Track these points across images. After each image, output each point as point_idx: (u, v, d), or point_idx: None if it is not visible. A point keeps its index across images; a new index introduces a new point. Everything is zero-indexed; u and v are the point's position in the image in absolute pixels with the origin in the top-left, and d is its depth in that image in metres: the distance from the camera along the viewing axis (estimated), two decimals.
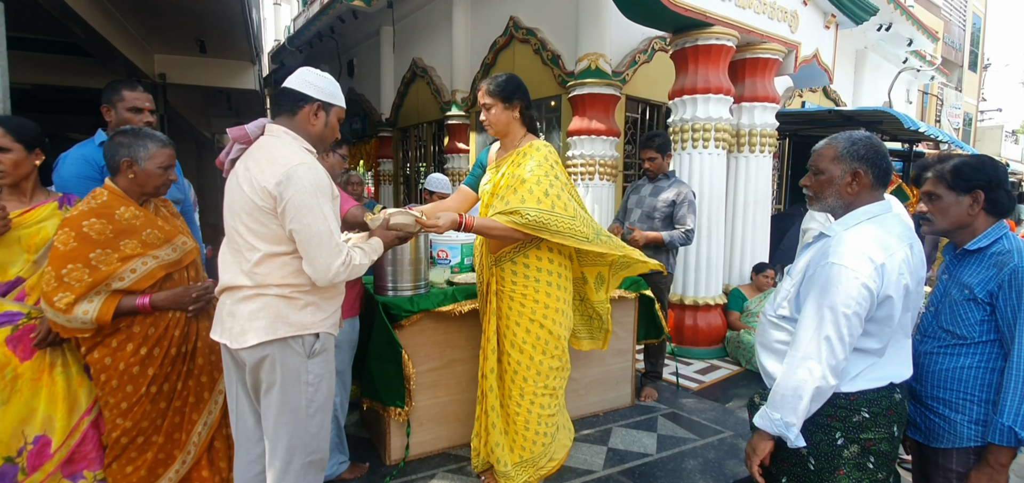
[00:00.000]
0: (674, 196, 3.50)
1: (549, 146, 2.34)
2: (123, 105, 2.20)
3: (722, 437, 3.13)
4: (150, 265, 1.85)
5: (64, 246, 1.71)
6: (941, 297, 1.67)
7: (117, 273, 1.76)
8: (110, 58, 7.39)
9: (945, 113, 14.65)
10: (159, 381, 1.89)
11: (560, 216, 2.19)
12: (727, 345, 4.59)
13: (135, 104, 2.20)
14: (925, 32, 9.19)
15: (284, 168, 1.57)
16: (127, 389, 1.83)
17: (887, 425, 1.48)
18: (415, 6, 7.79)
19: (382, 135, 9.23)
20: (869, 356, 1.49)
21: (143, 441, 1.87)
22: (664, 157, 3.59)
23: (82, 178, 2.08)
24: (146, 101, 2.23)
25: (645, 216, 3.59)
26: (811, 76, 5.59)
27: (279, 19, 18.57)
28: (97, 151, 2.15)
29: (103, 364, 1.80)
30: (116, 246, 1.78)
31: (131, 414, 1.84)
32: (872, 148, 1.52)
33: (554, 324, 2.34)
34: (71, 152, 2.17)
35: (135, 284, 1.80)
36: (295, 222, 1.58)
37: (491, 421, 2.45)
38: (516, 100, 2.28)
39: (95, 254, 1.73)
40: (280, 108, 1.72)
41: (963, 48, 15.71)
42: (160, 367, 1.88)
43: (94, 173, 2.10)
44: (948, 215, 1.63)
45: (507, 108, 2.28)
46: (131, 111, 2.20)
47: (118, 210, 1.82)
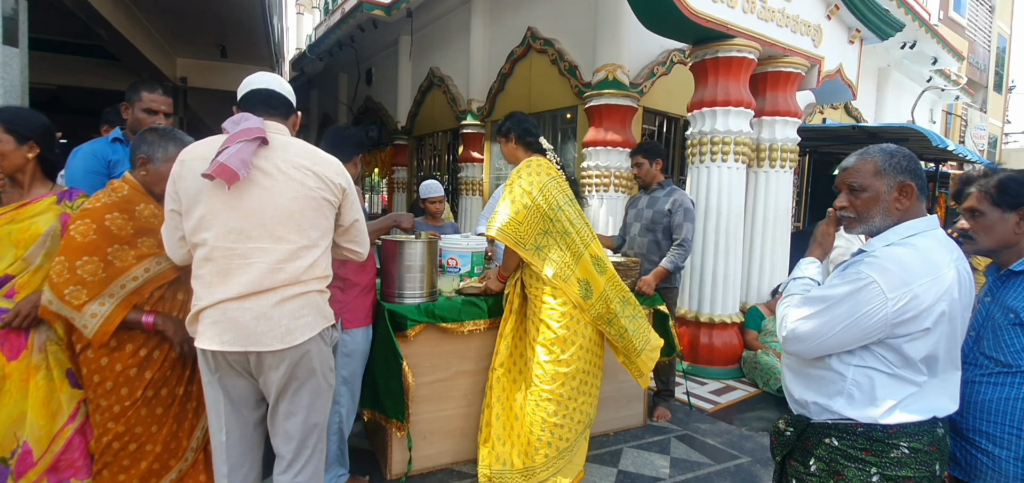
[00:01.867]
0: (671, 205, 3.39)
1: (534, 161, 2.52)
2: (140, 105, 2.21)
3: (739, 463, 3.00)
4: (163, 266, 1.79)
5: (82, 237, 1.65)
6: (983, 321, 1.55)
7: (131, 271, 1.72)
8: (134, 61, 7.53)
9: (970, 134, 14.32)
10: (157, 385, 1.80)
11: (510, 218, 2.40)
12: (744, 365, 4.44)
13: (150, 106, 2.20)
14: (950, 51, 8.99)
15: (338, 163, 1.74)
16: (122, 392, 1.74)
17: (928, 463, 1.35)
18: (434, 16, 7.82)
19: (397, 143, 9.25)
20: (909, 385, 1.35)
21: (136, 449, 1.78)
22: (652, 163, 3.49)
23: (88, 172, 2.09)
24: (162, 103, 2.24)
25: (645, 229, 3.50)
26: (834, 91, 5.46)
27: (301, 28, 18.87)
28: (107, 147, 2.15)
29: (98, 364, 1.72)
30: (134, 243, 1.73)
31: (124, 418, 1.74)
32: (910, 158, 1.41)
33: (561, 327, 2.42)
34: (83, 147, 2.18)
35: (145, 286, 1.75)
36: (354, 211, 1.79)
37: (495, 413, 2.53)
38: (512, 133, 2.64)
39: (112, 249, 1.69)
40: (274, 112, 1.71)
41: (988, 69, 15.38)
42: (159, 370, 1.81)
43: (101, 168, 2.11)
44: (993, 233, 1.52)
45: (507, 142, 2.66)
46: (145, 112, 2.21)
47: (138, 206, 1.77)
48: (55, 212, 1.81)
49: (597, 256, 2.51)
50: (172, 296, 1.84)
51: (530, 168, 2.48)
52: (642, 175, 3.52)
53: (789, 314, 1.42)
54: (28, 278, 1.74)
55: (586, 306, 2.45)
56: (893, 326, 1.29)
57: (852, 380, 1.36)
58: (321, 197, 1.64)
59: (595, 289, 2.46)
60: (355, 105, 11.02)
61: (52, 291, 1.64)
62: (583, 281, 2.45)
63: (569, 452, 2.49)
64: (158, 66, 8.03)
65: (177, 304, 1.85)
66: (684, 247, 3.33)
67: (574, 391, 2.44)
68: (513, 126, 2.64)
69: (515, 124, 2.64)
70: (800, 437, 1.49)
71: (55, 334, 1.77)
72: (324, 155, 1.72)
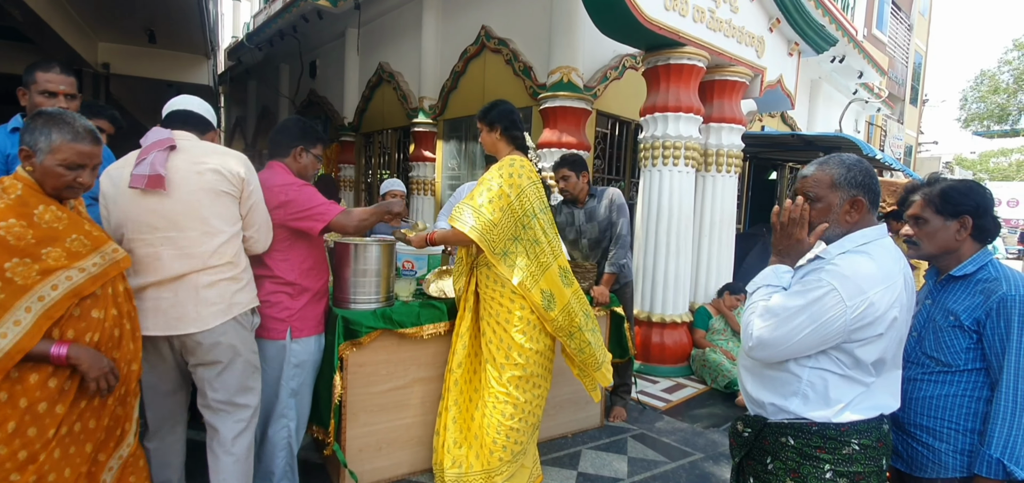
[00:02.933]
0: (606, 207, 3.37)
1: (517, 161, 2.40)
2: (36, 88, 1.97)
3: (693, 460, 3.07)
4: (76, 280, 1.51)
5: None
6: (924, 323, 1.64)
7: (36, 290, 1.43)
8: (50, 44, 6.86)
9: (888, 143, 15.50)
10: (71, 421, 1.50)
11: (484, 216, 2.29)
12: (693, 363, 4.57)
13: (47, 87, 1.96)
14: (874, 66, 9.68)
15: (243, 159, 1.95)
16: (28, 433, 1.42)
17: (876, 458, 1.42)
18: (383, 9, 7.60)
19: (344, 140, 8.93)
20: (858, 385, 1.42)
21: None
22: (579, 176, 3.35)
23: None
24: (62, 83, 1.99)
25: (594, 243, 3.44)
26: (775, 101, 5.74)
27: (238, 15, 17.88)
28: (7, 138, 1.90)
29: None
30: (37, 255, 1.44)
31: (32, 467, 1.41)
32: (866, 173, 1.47)
33: (518, 332, 2.36)
34: None
35: (56, 305, 1.47)
36: (251, 199, 1.97)
37: (452, 416, 2.46)
38: (496, 124, 2.47)
39: (11, 264, 1.41)
40: (187, 125, 1.97)
41: (905, 83, 16.72)
42: (74, 401, 1.51)
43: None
44: (935, 240, 1.61)
45: (490, 131, 2.49)
46: (43, 94, 1.96)
47: (36, 209, 1.48)
48: None
49: (564, 268, 2.46)
50: (85, 315, 1.54)
51: (513, 168, 2.36)
52: (569, 188, 3.35)
53: (754, 322, 1.44)
54: None
55: (548, 317, 2.38)
56: (850, 331, 1.34)
57: (807, 381, 1.41)
58: (219, 189, 1.86)
59: (559, 301, 2.40)
60: (298, 98, 10.54)
61: None
62: (547, 292, 2.38)
63: (522, 455, 2.47)
64: (77, 50, 7.34)
65: (93, 325, 1.56)
66: (622, 244, 3.29)
67: (527, 395, 2.40)
68: (500, 117, 2.47)
69: (502, 115, 2.48)
70: (758, 437, 1.52)
71: None
72: (226, 151, 1.95)
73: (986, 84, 25.35)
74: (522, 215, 2.35)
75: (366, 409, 2.50)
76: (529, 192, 2.37)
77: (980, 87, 25.62)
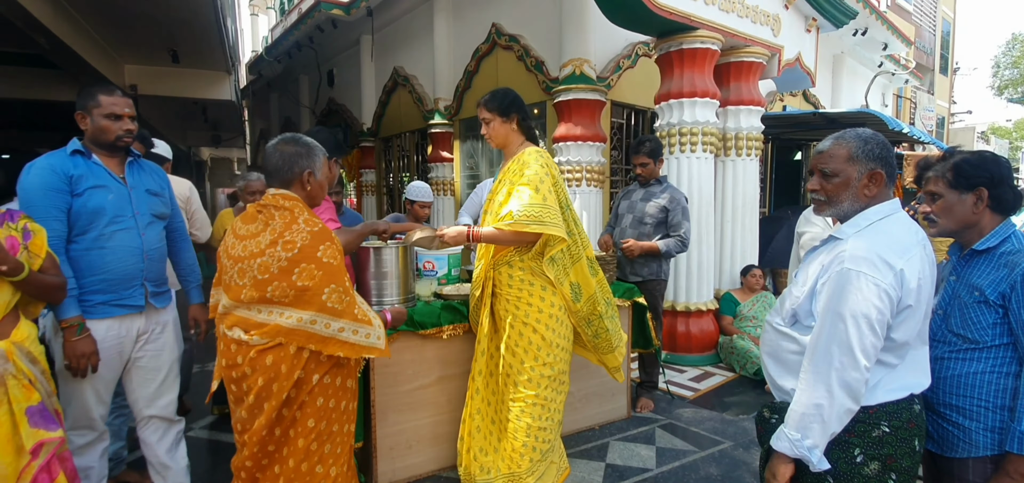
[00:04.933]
0: (666, 202, 3.43)
1: (543, 151, 2.35)
2: (99, 111, 2.00)
3: (722, 448, 3.05)
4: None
5: (337, 261, 1.70)
6: (950, 300, 1.61)
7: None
8: (78, 69, 7.13)
9: (919, 116, 15.00)
10: None
11: (551, 208, 2.21)
12: (720, 351, 4.53)
13: (113, 110, 2.00)
14: (899, 36, 9.38)
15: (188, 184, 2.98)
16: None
17: (908, 439, 1.40)
18: (395, 14, 7.68)
19: (364, 145, 9.07)
20: (886, 366, 1.40)
21: None
22: (656, 162, 3.51)
23: (48, 190, 1.89)
24: (126, 106, 2.03)
25: (636, 221, 3.51)
26: (794, 79, 5.61)
27: (256, 29, 18.27)
28: (66, 160, 1.96)
29: None
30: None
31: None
32: (884, 146, 1.45)
33: (547, 329, 2.31)
34: (39, 161, 1.96)
35: None
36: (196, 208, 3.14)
37: (476, 424, 2.42)
38: (513, 113, 2.35)
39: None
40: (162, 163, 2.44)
41: (934, 52, 16.14)
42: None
43: (61, 185, 1.92)
44: (952, 215, 1.57)
45: (505, 121, 2.35)
46: (109, 118, 2.00)
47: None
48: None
49: (592, 259, 2.46)
50: None
51: (542, 158, 2.29)
52: (646, 174, 3.52)
53: (834, 388, 1.32)
54: None
55: (574, 308, 2.39)
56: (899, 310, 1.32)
57: None
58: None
59: (585, 292, 2.40)
60: (318, 107, 10.74)
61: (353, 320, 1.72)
62: (575, 283, 2.38)
63: (550, 452, 2.45)
64: (104, 74, 7.62)
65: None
66: (683, 242, 3.40)
67: (555, 392, 2.38)
68: (516, 106, 2.35)
69: (517, 104, 2.36)
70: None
71: (14, 367, 1.64)
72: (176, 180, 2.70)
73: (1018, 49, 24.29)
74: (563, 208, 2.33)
75: (394, 408, 2.56)
76: (561, 185, 2.37)
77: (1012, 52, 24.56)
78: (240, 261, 1.69)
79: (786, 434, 1.39)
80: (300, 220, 1.69)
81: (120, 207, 2.02)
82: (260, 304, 1.66)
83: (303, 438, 1.70)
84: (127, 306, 2.03)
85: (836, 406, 1.31)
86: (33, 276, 1.69)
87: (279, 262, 1.63)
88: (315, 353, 1.67)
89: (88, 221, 1.95)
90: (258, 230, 1.71)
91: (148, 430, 2.19)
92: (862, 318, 1.29)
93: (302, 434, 1.70)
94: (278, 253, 1.63)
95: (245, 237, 1.72)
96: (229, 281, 1.71)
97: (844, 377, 1.30)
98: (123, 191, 2.05)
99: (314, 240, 1.66)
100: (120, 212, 2.01)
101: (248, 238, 1.71)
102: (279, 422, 1.68)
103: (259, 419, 1.66)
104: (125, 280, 2.02)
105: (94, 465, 2.07)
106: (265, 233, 1.68)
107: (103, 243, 1.97)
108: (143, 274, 2.06)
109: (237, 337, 1.67)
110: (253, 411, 1.68)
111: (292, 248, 1.63)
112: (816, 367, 1.34)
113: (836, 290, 1.34)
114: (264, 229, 1.70)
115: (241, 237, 1.73)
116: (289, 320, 1.63)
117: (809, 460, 1.35)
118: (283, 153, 1.77)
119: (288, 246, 1.63)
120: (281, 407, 1.66)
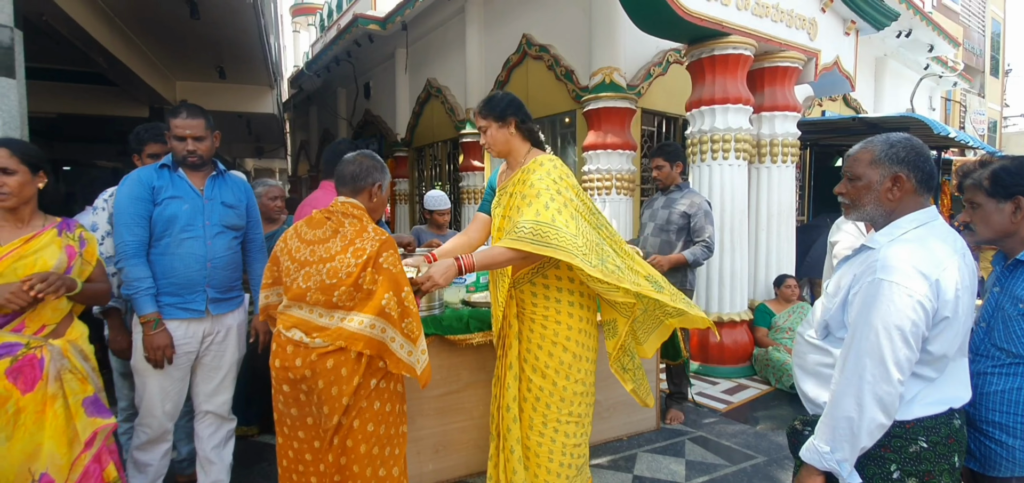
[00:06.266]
0: (687, 208, 3.39)
1: (555, 159, 2.14)
2: (170, 134, 2.22)
3: (755, 463, 2.97)
4: None
5: (399, 268, 1.77)
6: (993, 312, 1.54)
7: None
8: (133, 87, 7.57)
9: (969, 119, 14.29)
10: None
11: (561, 230, 1.94)
12: (755, 363, 4.42)
13: (177, 132, 2.20)
14: (946, 37, 8.99)
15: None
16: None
17: (947, 455, 1.35)
18: (429, 28, 7.85)
19: (398, 155, 9.27)
20: (923, 380, 1.36)
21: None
22: (673, 166, 3.47)
23: (133, 198, 2.10)
24: (187, 129, 2.20)
25: (659, 229, 3.48)
26: (832, 84, 5.46)
27: (298, 45, 18.95)
28: (153, 174, 2.17)
29: None
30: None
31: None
32: (912, 149, 1.40)
33: (578, 346, 2.16)
34: (131, 174, 2.19)
35: None
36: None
37: (510, 445, 2.24)
38: (509, 116, 2.11)
39: None
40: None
41: (984, 54, 15.37)
42: None
43: (145, 194, 2.11)
44: (991, 224, 1.52)
45: (502, 126, 2.12)
46: (176, 139, 2.20)
47: None
48: (59, 244, 1.81)
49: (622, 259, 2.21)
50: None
51: (549, 165, 2.07)
52: (662, 177, 3.48)
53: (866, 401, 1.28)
54: (37, 311, 1.74)
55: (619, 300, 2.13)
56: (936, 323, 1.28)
57: None
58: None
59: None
60: (355, 119, 11.05)
61: (411, 341, 1.77)
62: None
63: (585, 468, 2.33)
64: (157, 90, 8.07)
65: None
66: (708, 247, 3.34)
67: (587, 407, 2.26)
68: (511, 107, 2.12)
69: (513, 105, 2.13)
70: None
71: (69, 363, 1.77)
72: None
73: None
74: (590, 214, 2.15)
75: (422, 413, 2.61)
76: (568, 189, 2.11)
77: None
78: (307, 265, 1.76)
79: (816, 446, 1.35)
80: (369, 228, 1.78)
81: (192, 217, 2.18)
82: (325, 307, 1.73)
83: (365, 444, 1.76)
84: (189, 310, 2.17)
85: (866, 420, 1.28)
86: (85, 289, 1.86)
87: (348, 268, 1.70)
88: (373, 358, 1.73)
89: (164, 228, 2.12)
90: (326, 235, 1.78)
91: (202, 424, 2.33)
92: (895, 330, 1.25)
93: (364, 440, 1.76)
94: (348, 259, 1.71)
95: (312, 242, 1.79)
96: (290, 283, 1.78)
97: (876, 390, 1.27)
98: (198, 203, 2.21)
99: (381, 248, 1.73)
100: (191, 222, 2.17)
101: (317, 243, 1.78)
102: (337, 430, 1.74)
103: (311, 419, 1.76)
104: (188, 285, 2.16)
105: (153, 463, 2.22)
106: (335, 240, 1.76)
107: (173, 249, 2.13)
108: (206, 281, 2.19)
109: (298, 339, 1.73)
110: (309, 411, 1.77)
111: (362, 255, 1.70)
112: (847, 379, 1.31)
113: (868, 301, 1.30)
114: (334, 235, 1.77)
115: (307, 241, 1.80)
116: (352, 324, 1.68)
117: (839, 474, 1.32)
118: (361, 164, 1.87)
119: (358, 253, 1.71)
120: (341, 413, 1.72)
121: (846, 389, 1.31)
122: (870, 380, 1.27)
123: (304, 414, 1.78)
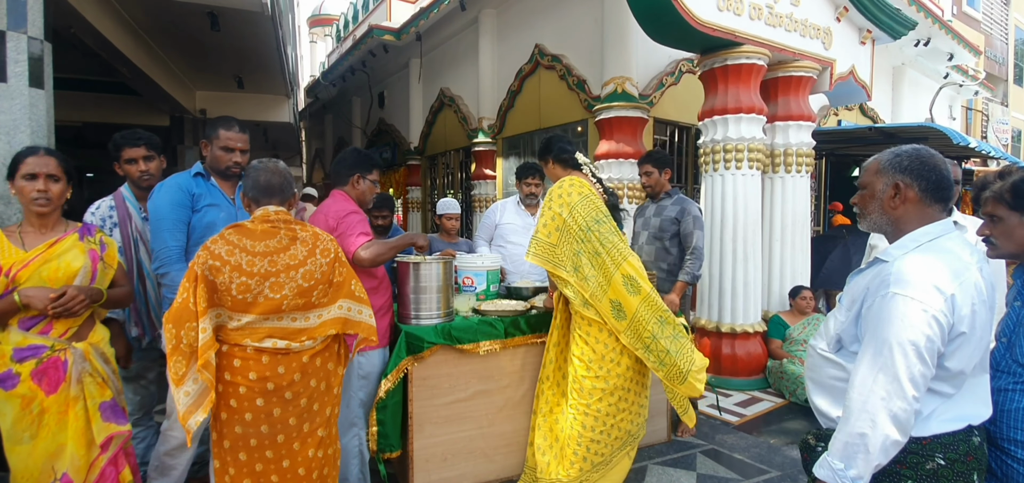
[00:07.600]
0: (677, 213, 3.37)
1: (566, 181, 2.52)
2: (218, 143, 2.27)
3: (768, 477, 2.93)
4: None
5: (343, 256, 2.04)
6: (1015, 327, 1.50)
7: None
8: (155, 96, 7.74)
9: (992, 129, 13.99)
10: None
11: (541, 242, 2.47)
12: (769, 375, 4.35)
13: (227, 144, 2.26)
14: (966, 46, 8.83)
15: None
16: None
17: (966, 473, 1.31)
18: (442, 38, 7.93)
19: (411, 163, 9.35)
20: (940, 396, 1.32)
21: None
22: (661, 172, 3.48)
23: (175, 204, 2.16)
24: (239, 142, 2.27)
25: (653, 237, 3.48)
26: (847, 93, 5.40)
27: (315, 55, 19.24)
28: (190, 181, 2.23)
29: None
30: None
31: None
32: (917, 159, 1.38)
33: (604, 347, 2.44)
34: (169, 180, 2.25)
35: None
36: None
37: (538, 422, 2.63)
38: (547, 156, 2.74)
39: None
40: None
41: (1007, 62, 15.07)
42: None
43: (186, 200, 2.18)
44: (1012, 237, 1.48)
45: (547, 166, 2.76)
46: (224, 150, 2.25)
47: None
48: (81, 249, 1.87)
49: (629, 276, 2.39)
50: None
51: (561, 189, 2.49)
52: (651, 184, 3.52)
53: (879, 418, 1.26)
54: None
55: (620, 328, 2.39)
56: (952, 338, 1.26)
57: None
58: None
59: (627, 310, 2.38)
60: (369, 128, 11.18)
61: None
62: (615, 301, 2.39)
63: (603, 466, 2.51)
64: (178, 100, 8.24)
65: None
66: (697, 256, 3.30)
67: (612, 408, 2.46)
68: (548, 149, 2.74)
69: (550, 147, 2.74)
70: None
71: (90, 366, 1.81)
72: None
73: None
74: (578, 230, 2.41)
75: (430, 421, 2.61)
76: (581, 207, 2.42)
77: None
78: (271, 276, 1.77)
79: (829, 463, 1.33)
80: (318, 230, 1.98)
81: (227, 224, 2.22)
82: (304, 310, 1.83)
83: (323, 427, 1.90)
84: None
85: (880, 437, 1.25)
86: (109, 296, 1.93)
87: (322, 268, 1.88)
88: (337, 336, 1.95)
89: (201, 234, 2.17)
90: (285, 244, 1.83)
91: None
92: (909, 345, 1.23)
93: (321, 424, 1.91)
94: (318, 260, 1.86)
95: (267, 253, 1.79)
96: (252, 298, 1.75)
97: (890, 407, 1.24)
98: (232, 210, 2.30)
99: (336, 244, 2.00)
100: None
101: (275, 253, 1.80)
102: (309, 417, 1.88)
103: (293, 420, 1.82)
104: None
105: (179, 467, 2.26)
106: (297, 246, 1.85)
107: None
108: None
109: (279, 347, 1.77)
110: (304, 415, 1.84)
111: (329, 254, 1.92)
112: (860, 395, 1.28)
113: (882, 315, 1.28)
114: (293, 242, 1.85)
115: (260, 254, 1.78)
116: (331, 313, 1.90)
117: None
118: (283, 175, 1.95)
119: (325, 253, 1.91)
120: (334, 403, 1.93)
121: (860, 405, 1.28)
122: (884, 396, 1.25)
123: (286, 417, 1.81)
